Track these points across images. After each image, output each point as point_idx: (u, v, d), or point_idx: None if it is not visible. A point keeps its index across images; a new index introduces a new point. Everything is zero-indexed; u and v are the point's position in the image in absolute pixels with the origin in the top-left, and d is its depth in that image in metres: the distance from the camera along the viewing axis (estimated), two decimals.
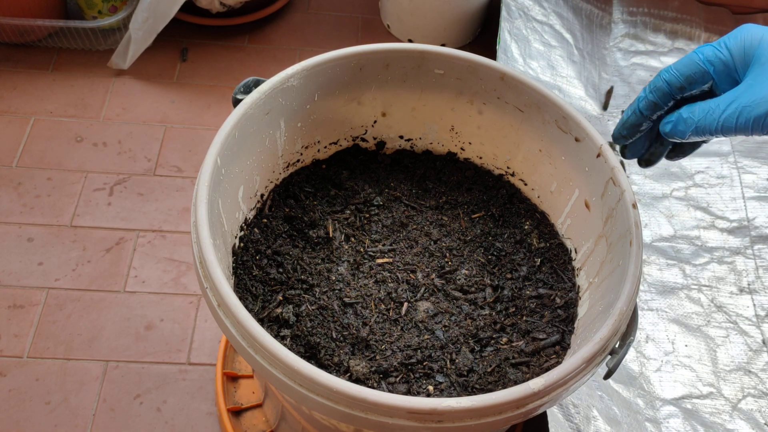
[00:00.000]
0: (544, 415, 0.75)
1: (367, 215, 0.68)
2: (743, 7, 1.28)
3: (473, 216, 0.70)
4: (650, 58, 1.23)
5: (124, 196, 1.04)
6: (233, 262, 0.61)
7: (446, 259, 0.65)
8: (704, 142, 0.49)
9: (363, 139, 0.73)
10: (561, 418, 0.75)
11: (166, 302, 0.93)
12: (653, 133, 0.52)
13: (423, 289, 0.63)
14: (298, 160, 0.69)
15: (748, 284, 0.96)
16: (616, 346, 0.51)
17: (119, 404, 0.84)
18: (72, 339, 0.89)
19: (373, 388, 0.55)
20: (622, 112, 1.20)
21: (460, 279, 0.64)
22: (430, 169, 0.73)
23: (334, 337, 0.58)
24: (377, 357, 0.57)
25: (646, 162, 0.54)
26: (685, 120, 0.46)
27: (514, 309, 0.62)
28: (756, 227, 1.01)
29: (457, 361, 0.57)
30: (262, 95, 0.59)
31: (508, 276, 0.65)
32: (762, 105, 0.41)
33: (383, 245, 0.66)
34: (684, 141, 0.47)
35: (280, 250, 0.63)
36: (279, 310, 0.59)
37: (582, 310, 0.60)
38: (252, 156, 0.62)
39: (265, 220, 0.65)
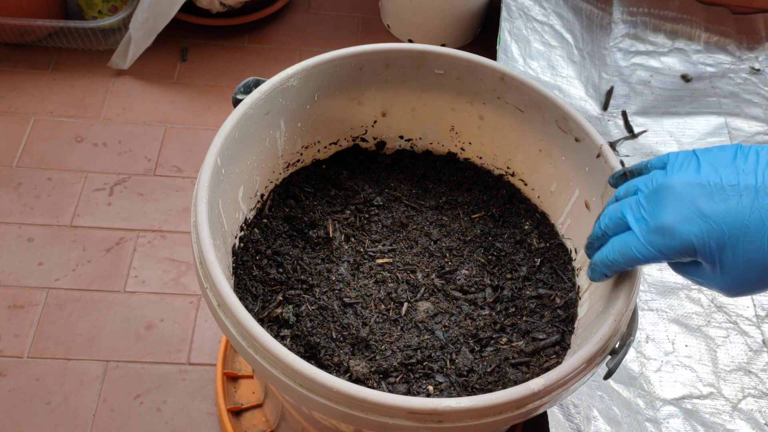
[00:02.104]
0: (544, 415, 0.75)
1: (367, 215, 0.68)
2: (743, 7, 1.28)
3: (473, 216, 0.70)
4: (650, 58, 1.23)
5: (124, 196, 1.04)
6: (233, 262, 0.61)
7: (446, 260, 0.65)
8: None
9: (363, 139, 0.73)
10: (561, 418, 0.75)
11: (166, 302, 0.93)
12: None
13: (423, 289, 0.62)
14: (298, 160, 0.69)
15: None
16: (616, 346, 0.51)
17: (119, 404, 0.84)
18: (72, 339, 0.89)
19: (373, 388, 0.55)
20: (622, 111, 1.19)
21: (460, 279, 0.64)
22: (430, 169, 0.73)
23: (334, 337, 0.58)
24: (377, 357, 0.57)
25: None
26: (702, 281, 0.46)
27: (514, 309, 0.62)
28: None
29: (457, 361, 0.57)
30: (262, 95, 0.59)
31: (508, 276, 0.65)
32: (723, 289, 0.43)
33: (383, 245, 0.66)
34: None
35: (280, 250, 0.63)
36: (279, 310, 0.59)
37: (582, 310, 0.60)
38: (252, 156, 0.62)
39: (265, 220, 0.65)
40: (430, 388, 0.55)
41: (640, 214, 0.44)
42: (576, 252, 0.64)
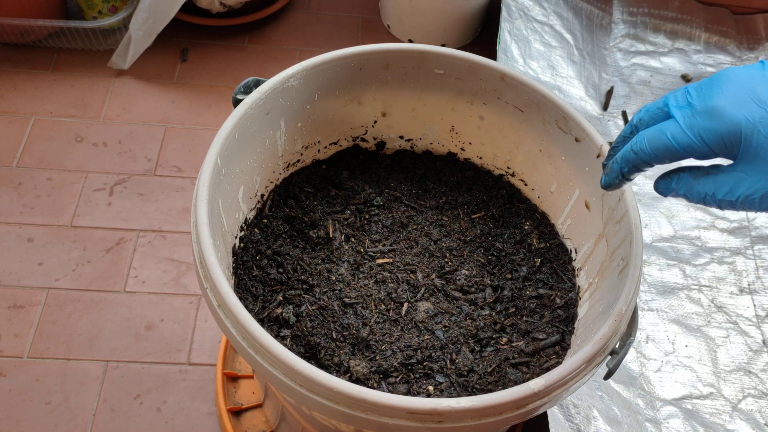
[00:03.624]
0: (544, 415, 0.75)
1: (367, 215, 0.68)
2: (743, 8, 1.28)
3: (473, 216, 0.70)
4: (650, 59, 1.23)
5: (124, 196, 1.04)
6: (233, 262, 0.61)
7: (446, 260, 0.65)
8: None
9: (363, 140, 0.73)
10: (561, 418, 0.75)
11: (166, 302, 0.93)
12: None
13: (423, 289, 0.62)
14: (298, 161, 0.69)
15: (749, 284, 0.96)
16: (617, 346, 0.51)
17: (119, 404, 0.84)
18: (72, 339, 0.89)
19: (373, 388, 0.55)
20: (622, 111, 1.19)
21: (460, 279, 0.64)
22: (430, 169, 0.73)
23: (334, 337, 0.58)
24: (377, 357, 0.57)
25: None
26: (680, 195, 0.43)
27: (514, 309, 0.62)
28: (756, 227, 1.01)
29: (457, 361, 0.57)
30: (262, 95, 0.59)
31: (508, 276, 0.65)
32: (764, 203, 0.39)
33: (383, 245, 0.66)
34: None
35: (281, 250, 0.63)
36: (279, 311, 0.59)
37: (582, 310, 0.60)
38: (252, 156, 0.62)
39: (266, 221, 0.65)
40: (430, 388, 0.55)
41: (686, 100, 0.40)
42: (576, 252, 0.64)
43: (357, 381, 0.55)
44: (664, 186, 0.44)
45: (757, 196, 0.39)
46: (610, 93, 1.17)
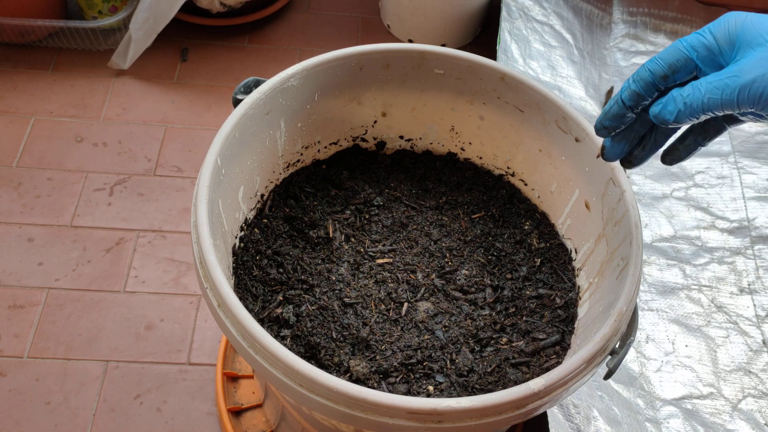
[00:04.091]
0: (544, 415, 0.75)
1: (367, 215, 0.68)
2: (743, 8, 1.28)
3: (473, 216, 0.70)
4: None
5: (124, 196, 1.04)
6: (233, 262, 0.61)
7: (446, 260, 0.65)
8: (700, 146, 0.48)
9: (363, 139, 0.73)
10: (561, 419, 0.75)
11: (166, 302, 0.93)
12: (634, 133, 0.49)
13: (423, 289, 0.62)
14: (298, 161, 0.69)
15: (749, 284, 0.96)
16: (617, 346, 0.51)
17: (119, 404, 0.84)
18: (72, 339, 0.89)
19: (373, 388, 0.55)
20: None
21: (460, 279, 0.64)
22: (430, 169, 0.73)
23: (334, 337, 0.58)
24: (377, 357, 0.57)
25: (627, 162, 0.51)
26: (674, 98, 0.44)
27: (514, 309, 0.62)
28: (756, 227, 1.01)
29: (457, 361, 0.57)
30: (262, 95, 0.59)
31: (508, 276, 0.65)
32: (747, 74, 0.40)
33: (383, 245, 0.66)
34: (675, 125, 0.45)
35: (281, 250, 0.63)
36: (279, 310, 0.59)
37: (582, 310, 0.60)
38: (252, 156, 0.62)
39: (266, 221, 0.65)
40: (430, 388, 0.55)
41: None
42: (576, 252, 0.64)
43: (357, 381, 0.55)
44: (659, 102, 0.44)
45: (740, 79, 0.40)
46: (610, 93, 1.17)
